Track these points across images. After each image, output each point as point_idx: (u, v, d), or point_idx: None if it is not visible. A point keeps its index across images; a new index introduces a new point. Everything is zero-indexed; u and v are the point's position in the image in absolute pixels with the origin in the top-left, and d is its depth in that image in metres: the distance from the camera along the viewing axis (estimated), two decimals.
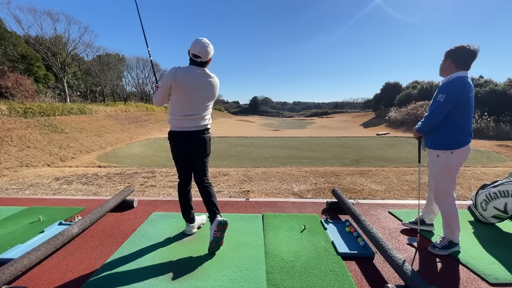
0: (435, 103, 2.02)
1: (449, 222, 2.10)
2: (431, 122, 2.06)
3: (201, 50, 2.03)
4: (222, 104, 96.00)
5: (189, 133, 2.15)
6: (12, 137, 10.56)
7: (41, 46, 23.41)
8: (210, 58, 2.12)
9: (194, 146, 2.21)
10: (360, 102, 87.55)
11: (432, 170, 2.18)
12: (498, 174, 5.81)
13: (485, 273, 1.85)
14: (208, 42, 2.06)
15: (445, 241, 2.13)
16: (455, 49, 2.02)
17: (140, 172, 6.13)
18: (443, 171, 2.08)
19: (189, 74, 2.07)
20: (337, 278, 1.79)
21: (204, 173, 2.29)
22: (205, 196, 2.23)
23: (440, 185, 2.11)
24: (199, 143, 2.20)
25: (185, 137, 2.16)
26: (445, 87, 2.00)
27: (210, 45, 2.07)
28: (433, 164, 2.14)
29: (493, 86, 22.79)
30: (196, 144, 2.20)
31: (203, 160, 2.27)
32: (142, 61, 41.68)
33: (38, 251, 1.85)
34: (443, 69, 2.11)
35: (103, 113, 20.34)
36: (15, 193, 4.48)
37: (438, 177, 2.11)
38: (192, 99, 2.10)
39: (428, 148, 2.18)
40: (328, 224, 2.64)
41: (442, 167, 2.07)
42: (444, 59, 2.08)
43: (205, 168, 2.30)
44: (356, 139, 16.91)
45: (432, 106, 2.04)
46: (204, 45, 2.03)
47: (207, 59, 2.11)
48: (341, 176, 5.46)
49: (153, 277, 1.80)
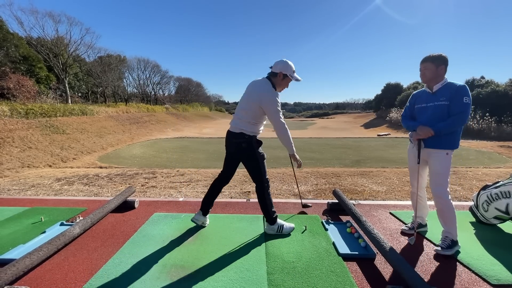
0: (464, 105, 2.04)
1: (451, 220, 2.13)
2: (461, 124, 2.09)
3: (275, 62, 2.30)
4: (223, 105, 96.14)
5: (228, 132, 2.39)
6: (14, 138, 10.59)
7: (43, 48, 23.51)
8: (279, 72, 2.26)
9: (229, 146, 2.42)
10: (361, 103, 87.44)
11: (437, 169, 2.15)
12: (499, 175, 5.78)
13: (486, 274, 1.84)
14: (284, 59, 2.28)
15: (448, 240, 2.15)
16: (445, 56, 2.14)
17: (141, 173, 6.14)
18: (448, 169, 2.15)
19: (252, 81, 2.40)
20: (338, 279, 1.79)
21: (254, 177, 2.39)
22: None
23: (444, 183, 2.13)
24: (232, 146, 2.37)
25: (227, 135, 2.41)
26: (466, 90, 2.07)
27: (283, 61, 2.27)
28: (440, 163, 2.14)
29: (494, 86, 22.72)
30: (229, 145, 2.41)
31: (247, 166, 2.38)
32: (143, 62, 41.88)
33: (40, 251, 1.85)
34: (436, 75, 2.15)
35: (104, 114, 20.39)
36: (17, 193, 4.50)
37: (444, 174, 2.14)
38: (240, 102, 2.37)
39: (433, 148, 2.16)
40: (329, 225, 2.64)
41: (449, 165, 2.14)
42: (435, 66, 2.13)
43: (252, 173, 2.38)
44: (357, 140, 16.89)
45: (462, 108, 2.04)
46: (279, 60, 2.30)
47: (276, 71, 2.27)
48: (342, 177, 5.45)
49: (154, 277, 1.81)
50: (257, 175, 2.35)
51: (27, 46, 22.96)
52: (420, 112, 2.28)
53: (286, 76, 2.26)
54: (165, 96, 50.65)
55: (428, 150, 2.19)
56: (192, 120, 37.37)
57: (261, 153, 2.36)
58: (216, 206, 3.20)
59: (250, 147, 2.29)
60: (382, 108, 40.71)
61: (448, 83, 2.14)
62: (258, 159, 2.32)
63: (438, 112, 2.13)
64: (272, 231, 2.44)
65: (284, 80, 2.29)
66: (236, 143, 2.30)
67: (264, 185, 2.36)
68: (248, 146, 2.28)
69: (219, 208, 3.12)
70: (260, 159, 2.33)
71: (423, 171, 2.37)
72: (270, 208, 2.40)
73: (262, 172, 2.34)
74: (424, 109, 2.24)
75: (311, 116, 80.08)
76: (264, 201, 2.38)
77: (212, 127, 32.53)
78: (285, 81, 2.31)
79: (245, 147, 2.28)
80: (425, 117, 2.21)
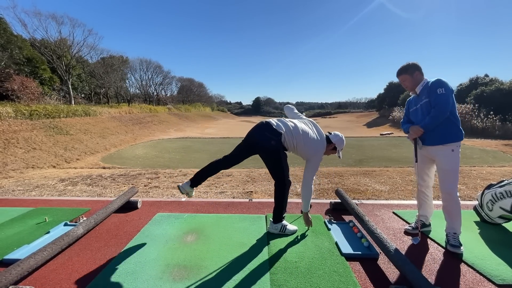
0: (439, 97, 2.08)
1: (456, 215, 2.17)
2: (442, 113, 2.10)
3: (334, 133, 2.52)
4: (225, 105, 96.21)
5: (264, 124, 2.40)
6: (18, 139, 10.69)
7: (46, 49, 23.69)
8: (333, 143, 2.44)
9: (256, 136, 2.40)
10: (364, 102, 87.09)
11: (445, 166, 2.18)
12: (504, 174, 5.73)
13: (491, 274, 1.82)
14: (343, 138, 2.51)
15: (457, 237, 2.18)
16: (414, 63, 2.30)
17: (144, 173, 6.17)
18: (457, 165, 2.16)
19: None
20: (341, 279, 1.78)
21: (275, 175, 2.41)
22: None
23: (453, 180, 2.16)
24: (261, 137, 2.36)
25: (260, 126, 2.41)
26: (438, 82, 2.14)
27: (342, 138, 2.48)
28: (447, 160, 2.16)
29: (498, 84, 22.48)
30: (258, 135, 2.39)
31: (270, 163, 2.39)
32: (146, 63, 42.02)
33: (44, 251, 1.87)
34: (415, 82, 2.30)
35: (107, 115, 20.51)
36: (21, 194, 4.54)
37: (454, 171, 2.15)
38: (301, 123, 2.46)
39: (436, 145, 2.20)
40: (331, 225, 2.63)
41: (457, 160, 2.16)
42: (410, 75, 2.29)
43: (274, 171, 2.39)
44: (359, 139, 16.81)
45: (438, 99, 2.09)
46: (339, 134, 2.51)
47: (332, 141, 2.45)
48: (345, 177, 5.44)
49: (157, 277, 1.81)
50: (280, 173, 2.35)
51: (30, 48, 23.16)
52: (413, 115, 2.43)
53: (336, 148, 2.46)
54: (167, 96, 50.81)
55: (432, 148, 2.23)
56: (194, 120, 37.45)
57: (285, 153, 2.39)
58: (218, 206, 3.20)
59: (277, 145, 2.29)
60: (385, 107, 40.53)
61: (426, 82, 2.27)
62: (281, 158, 2.32)
63: (424, 110, 2.25)
64: (275, 230, 2.44)
65: (332, 150, 2.47)
66: (267, 136, 2.28)
67: (285, 183, 2.37)
68: (276, 143, 2.28)
69: (221, 208, 3.13)
70: (284, 157, 2.35)
71: (430, 170, 2.39)
72: (284, 208, 2.41)
73: (285, 170, 2.35)
74: (415, 112, 2.39)
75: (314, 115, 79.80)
76: (283, 199, 2.38)
77: (214, 127, 32.59)
78: (332, 151, 2.49)
79: (273, 144, 2.27)
80: (418, 118, 2.34)
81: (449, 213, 2.20)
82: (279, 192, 2.37)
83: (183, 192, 2.44)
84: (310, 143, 2.33)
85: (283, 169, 2.33)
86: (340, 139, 2.45)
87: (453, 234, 2.19)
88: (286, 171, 2.35)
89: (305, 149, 2.33)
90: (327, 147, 2.43)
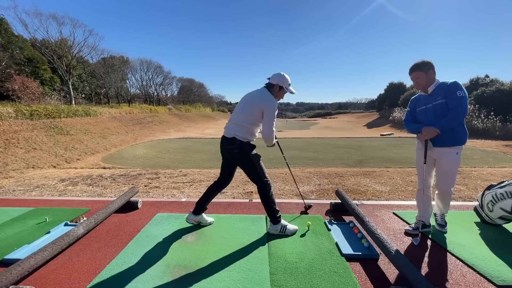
0: (460, 99, 2.12)
1: (448, 204, 2.44)
2: (461, 116, 2.15)
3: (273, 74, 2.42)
4: (225, 105, 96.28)
5: (222, 138, 2.42)
6: (19, 139, 10.71)
7: (47, 49, 23.75)
8: (276, 84, 2.36)
9: (223, 152, 2.45)
10: (364, 103, 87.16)
11: (448, 168, 2.27)
12: (505, 175, 5.72)
13: (491, 275, 1.82)
14: (281, 72, 2.40)
15: (444, 217, 2.51)
16: (429, 61, 2.27)
17: (144, 173, 6.17)
18: (457, 168, 2.29)
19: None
20: (341, 280, 1.78)
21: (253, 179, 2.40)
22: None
23: (453, 181, 2.31)
24: (225, 151, 2.39)
25: (221, 141, 2.45)
26: (457, 85, 2.17)
27: (280, 74, 2.38)
28: (450, 162, 2.25)
29: (499, 85, 22.47)
30: (222, 150, 2.44)
31: (244, 170, 2.39)
32: (146, 63, 42.10)
33: (45, 251, 1.87)
34: (429, 80, 2.27)
35: (107, 115, 20.53)
36: (22, 194, 4.54)
37: (454, 173, 2.29)
38: (237, 109, 2.42)
39: (444, 147, 2.24)
40: (332, 225, 2.63)
41: (459, 162, 2.26)
42: (425, 72, 2.25)
43: (251, 176, 2.39)
44: (360, 139, 16.81)
45: (458, 101, 2.12)
46: (276, 72, 2.41)
47: (273, 82, 2.37)
48: (345, 177, 5.43)
49: (157, 277, 1.81)
50: (256, 177, 2.36)
51: (31, 48, 23.22)
52: (422, 114, 2.39)
53: (282, 88, 2.38)
54: (167, 96, 50.87)
55: (439, 149, 2.27)
56: (195, 121, 37.47)
57: (255, 155, 2.36)
58: (218, 206, 3.20)
59: (242, 152, 2.30)
60: (385, 107, 40.51)
61: (441, 83, 2.26)
62: (253, 162, 2.32)
63: (438, 110, 2.23)
64: (275, 231, 2.43)
65: (279, 92, 2.40)
66: (228, 149, 2.33)
67: (264, 185, 2.36)
68: (240, 151, 2.29)
69: (221, 209, 3.13)
70: (256, 161, 2.33)
71: (432, 171, 2.44)
72: (274, 208, 2.39)
73: (260, 173, 2.34)
74: (425, 111, 2.35)
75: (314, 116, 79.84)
76: (267, 201, 2.37)
77: (215, 127, 32.58)
78: (281, 93, 2.41)
79: (237, 152, 2.29)
80: (428, 118, 2.30)
81: (443, 204, 2.44)
82: (262, 194, 2.38)
83: (191, 223, 2.57)
84: (255, 101, 2.30)
85: (258, 172, 2.33)
86: (279, 76, 2.37)
87: (441, 215, 2.49)
88: (261, 173, 2.34)
89: (257, 108, 2.27)
90: (272, 92, 2.37)
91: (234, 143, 2.28)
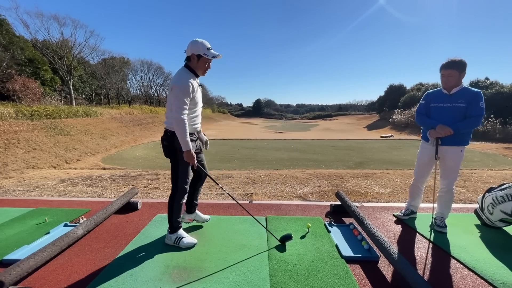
0: (481, 110, 2.26)
1: (449, 205, 2.52)
2: (477, 125, 2.31)
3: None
4: (225, 106, 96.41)
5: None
6: (19, 140, 10.71)
7: (48, 50, 23.81)
8: (191, 55, 2.00)
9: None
10: (364, 105, 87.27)
11: (453, 164, 2.41)
12: (505, 177, 5.72)
13: (492, 278, 1.82)
14: (194, 39, 2.01)
15: (443, 219, 2.53)
16: (466, 62, 2.29)
17: (144, 174, 6.17)
18: (460, 163, 2.43)
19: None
20: (341, 282, 1.78)
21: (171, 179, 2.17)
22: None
23: (455, 176, 2.44)
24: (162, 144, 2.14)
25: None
26: (481, 95, 2.29)
27: (192, 41, 2.01)
28: (455, 159, 2.39)
29: (499, 88, 22.53)
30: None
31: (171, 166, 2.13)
32: (147, 64, 42.20)
33: (44, 252, 1.87)
34: (459, 81, 2.33)
35: (108, 116, 20.56)
36: (22, 194, 4.54)
37: (458, 167, 2.42)
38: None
39: (450, 146, 2.38)
40: (332, 227, 2.62)
41: (462, 159, 2.41)
42: (459, 73, 2.29)
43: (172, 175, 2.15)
44: (360, 141, 16.82)
45: (479, 111, 2.26)
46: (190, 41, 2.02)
47: (188, 54, 2.03)
48: (345, 179, 5.43)
49: (157, 279, 1.81)
50: (173, 177, 2.14)
51: (32, 49, 23.28)
52: (436, 111, 2.45)
53: (201, 56, 1.99)
54: None
55: (445, 147, 2.40)
56: None
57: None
58: (218, 207, 3.20)
59: (171, 146, 2.05)
60: (385, 109, 40.56)
61: (465, 88, 2.34)
62: (178, 160, 2.07)
63: (457, 113, 2.33)
64: (169, 241, 2.24)
65: (200, 62, 2.01)
66: (161, 140, 2.12)
67: (176, 190, 2.15)
68: (169, 144, 2.05)
69: (221, 210, 3.13)
70: (182, 161, 2.05)
71: (432, 168, 2.60)
72: (175, 217, 2.20)
73: (180, 176, 2.11)
74: (441, 109, 2.42)
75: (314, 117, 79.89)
76: (172, 207, 2.18)
77: (215, 128, 32.59)
78: (202, 62, 2.02)
79: (166, 145, 2.07)
80: (444, 117, 2.38)
81: (445, 203, 2.50)
82: (170, 198, 2.18)
83: (185, 221, 2.50)
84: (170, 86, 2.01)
85: (178, 173, 2.11)
86: (191, 44, 2.00)
87: (441, 218, 2.54)
88: (182, 176, 2.11)
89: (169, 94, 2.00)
90: (192, 66, 2.03)
91: (165, 134, 2.06)
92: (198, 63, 2.02)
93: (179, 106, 1.92)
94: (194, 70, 2.05)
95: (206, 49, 1.99)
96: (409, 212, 2.81)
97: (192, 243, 2.23)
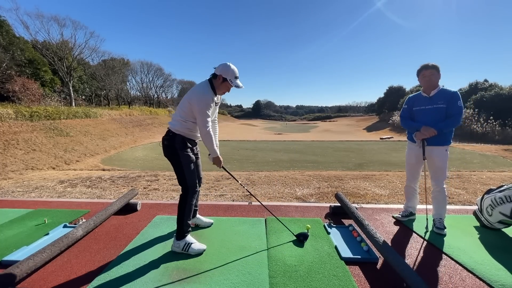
0: (460, 108, 2.38)
1: (444, 204, 2.53)
2: (458, 123, 2.40)
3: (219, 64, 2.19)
4: (225, 108, 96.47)
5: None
6: (18, 140, 10.70)
7: (48, 51, 23.83)
8: (219, 75, 2.13)
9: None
10: (364, 106, 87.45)
11: (440, 164, 2.47)
12: (504, 179, 5.73)
13: (491, 279, 1.82)
14: (228, 63, 2.15)
15: (443, 222, 2.54)
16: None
17: (143, 176, 6.17)
18: (447, 162, 2.50)
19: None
20: (340, 283, 1.78)
21: (178, 181, 2.19)
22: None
23: (444, 175, 2.49)
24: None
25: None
26: (458, 95, 2.40)
27: (225, 65, 2.14)
28: (441, 158, 2.47)
29: (498, 90, 22.59)
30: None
31: (174, 169, 2.17)
32: (147, 66, 42.28)
33: (43, 253, 1.87)
34: (437, 81, 2.47)
35: (107, 117, 20.56)
36: (21, 195, 4.53)
37: (445, 168, 2.48)
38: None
39: (435, 146, 2.46)
40: (331, 229, 2.63)
41: (447, 158, 2.49)
42: (438, 72, 2.45)
43: (177, 176, 2.18)
44: (359, 143, 16.84)
45: (458, 110, 2.38)
46: (223, 62, 2.19)
47: (216, 73, 2.15)
48: (345, 181, 5.43)
49: (156, 280, 1.81)
50: (180, 178, 2.15)
51: (32, 50, 23.30)
52: (419, 114, 2.57)
53: (226, 80, 2.13)
54: (168, 99, 51.01)
55: (431, 147, 2.49)
56: None
57: (187, 155, 2.13)
58: (218, 209, 3.20)
59: (171, 146, 2.10)
60: (385, 111, 40.68)
61: (442, 89, 2.47)
62: (180, 161, 2.09)
63: (438, 114, 2.44)
64: (177, 248, 2.15)
65: (223, 84, 2.15)
66: (162, 139, 2.16)
67: (187, 191, 2.15)
68: (169, 144, 2.10)
69: (221, 211, 3.13)
70: (184, 161, 2.10)
71: (421, 167, 2.69)
72: (186, 221, 2.16)
73: (186, 176, 2.12)
74: (423, 111, 2.54)
75: (314, 119, 79.99)
76: (183, 209, 2.15)
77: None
78: (224, 85, 2.16)
79: (166, 144, 2.11)
80: (427, 119, 2.49)
81: (438, 202, 2.54)
82: (181, 200, 2.16)
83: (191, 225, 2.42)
84: (188, 93, 2.15)
85: (184, 173, 2.11)
86: (223, 66, 2.12)
87: (439, 219, 2.55)
88: (188, 176, 2.12)
89: (186, 100, 2.11)
90: (215, 83, 2.15)
91: (167, 134, 2.13)
92: (221, 84, 2.16)
93: (203, 120, 2.06)
94: (214, 88, 2.17)
95: (234, 77, 2.15)
96: (408, 213, 2.83)
97: (202, 249, 2.18)
